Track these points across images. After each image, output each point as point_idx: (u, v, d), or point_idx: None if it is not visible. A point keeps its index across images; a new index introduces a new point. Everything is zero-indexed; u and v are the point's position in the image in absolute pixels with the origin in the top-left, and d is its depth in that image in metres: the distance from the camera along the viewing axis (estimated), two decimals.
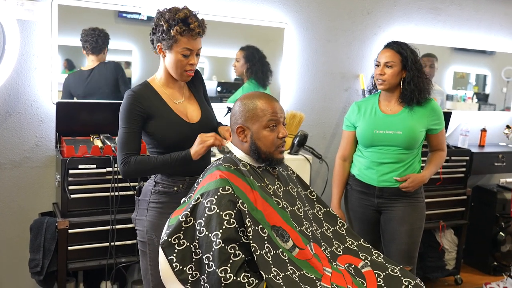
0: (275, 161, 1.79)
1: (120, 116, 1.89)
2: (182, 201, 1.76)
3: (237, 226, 1.58)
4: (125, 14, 2.77)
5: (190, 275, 1.59)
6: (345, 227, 1.93)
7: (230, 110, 2.83)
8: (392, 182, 2.42)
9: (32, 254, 2.40)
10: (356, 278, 1.73)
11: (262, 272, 1.54)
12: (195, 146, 1.86)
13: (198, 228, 1.60)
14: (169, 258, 1.59)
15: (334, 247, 1.83)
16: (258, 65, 3.19)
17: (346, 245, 1.86)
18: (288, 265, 1.62)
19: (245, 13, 3.08)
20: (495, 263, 3.83)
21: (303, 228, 1.76)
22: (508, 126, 3.66)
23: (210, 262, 1.54)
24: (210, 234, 1.56)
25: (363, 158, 2.49)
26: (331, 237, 1.87)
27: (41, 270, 2.36)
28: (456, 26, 3.86)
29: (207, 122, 2.01)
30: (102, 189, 2.43)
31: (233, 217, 1.58)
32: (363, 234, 2.48)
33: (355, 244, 1.88)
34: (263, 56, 3.20)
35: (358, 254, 1.84)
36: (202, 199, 1.63)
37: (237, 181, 1.67)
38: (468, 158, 3.57)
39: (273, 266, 1.58)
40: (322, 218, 1.92)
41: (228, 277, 1.51)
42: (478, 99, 4.14)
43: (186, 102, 2.01)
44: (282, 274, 1.58)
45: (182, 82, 2.01)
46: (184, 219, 1.62)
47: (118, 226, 2.43)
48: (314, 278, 1.63)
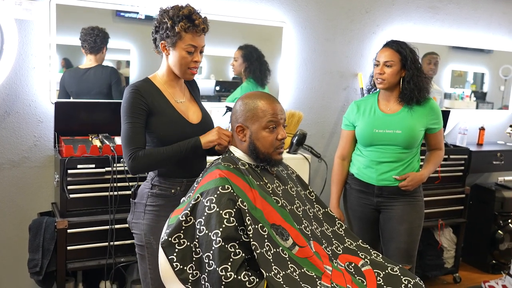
0: (273, 162, 1.79)
1: (122, 111, 1.84)
2: (181, 200, 1.76)
3: (237, 224, 1.58)
4: (123, 13, 2.76)
5: (190, 275, 1.58)
6: (343, 228, 1.93)
7: (229, 109, 2.84)
8: (391, 181, 2.43)
9: (31, 254, 2.40)
10: (356, 277, 1.73)
11: (262, 270, 1.54)
12: (210, 136, 1.84)
13: (198, 227, 1.60)
14: (169, 257, 1.59)
15: (334, 246, 1.84)
16: (256, 64, 3.19)
17: (345, 245, 1.87)
18: (288, 263, 1.62)
19: (243, 12, 3.08)
20: (494, 261, 3.84)
21: (302, 226, 1.76)
22: (511, 126, 3.67)
23: (210, 261, 1.54)
24: (210, 233, 1.56)
25: (362, 157, 2.49)
26: (331, 236, 1.87)
27: (40, 270, 2.36)
28: (454, 25, 3.87)
29: (208, 124, 2.00)
30: (101, 188, 2.43)
31: (233, 215, 1.58)
32: (362, 233, 2.49)
33: (354, 244, 1.88)
34: (261, 55, 3.19)
35: (358, 253, 1.84)
36: (201, 198, 1.63)
37: (236, 179, 1.67)
38: (466, 156, 3.57)
39: (273, 264, 1.57)
40: (322, 218, 1.92)
41: (228, 275, 1.51)
42: (476, 98, 4.15)
43: (188, 103, 1.99)
44: (283, 273, 1.58)
45: (183, 83, 2.00)
46: (184, 218, 1.62)
47: (117, 226, 2.42)
48: (314, 276, 1.63)
